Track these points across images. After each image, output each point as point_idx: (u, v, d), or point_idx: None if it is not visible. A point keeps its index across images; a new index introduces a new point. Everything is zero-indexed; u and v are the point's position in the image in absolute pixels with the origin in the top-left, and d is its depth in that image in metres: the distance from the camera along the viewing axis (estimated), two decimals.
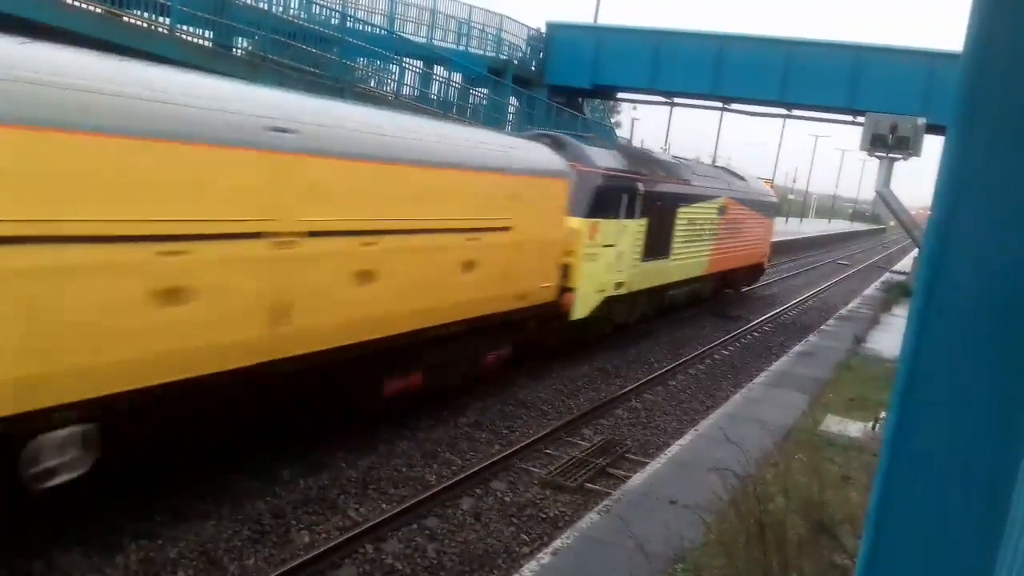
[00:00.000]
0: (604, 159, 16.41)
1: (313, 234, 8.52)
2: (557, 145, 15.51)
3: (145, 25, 17.18)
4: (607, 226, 15.93)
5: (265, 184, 7.94)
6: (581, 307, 15.32)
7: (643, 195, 17.45)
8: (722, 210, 23.71)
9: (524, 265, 13.14)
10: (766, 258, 31.63)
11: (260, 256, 7.95)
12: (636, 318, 19.37)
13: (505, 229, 12.35)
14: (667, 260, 19.74)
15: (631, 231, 17.19)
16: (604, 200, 15.69)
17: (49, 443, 6.49)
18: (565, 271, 14.61)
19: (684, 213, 20.41)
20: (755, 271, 30.37)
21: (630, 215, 17.04)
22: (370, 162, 9.42)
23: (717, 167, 29.11)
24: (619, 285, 16.96)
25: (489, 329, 12.73)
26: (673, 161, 22.64)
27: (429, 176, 10.43)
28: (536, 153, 14.26)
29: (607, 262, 16.15)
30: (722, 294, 27.27)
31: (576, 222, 14.73)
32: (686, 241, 20.81)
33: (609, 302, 16.67)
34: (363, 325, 9.63)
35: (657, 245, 18.75)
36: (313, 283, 8.66)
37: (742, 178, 28.26)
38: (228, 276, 7.64)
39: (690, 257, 21.47)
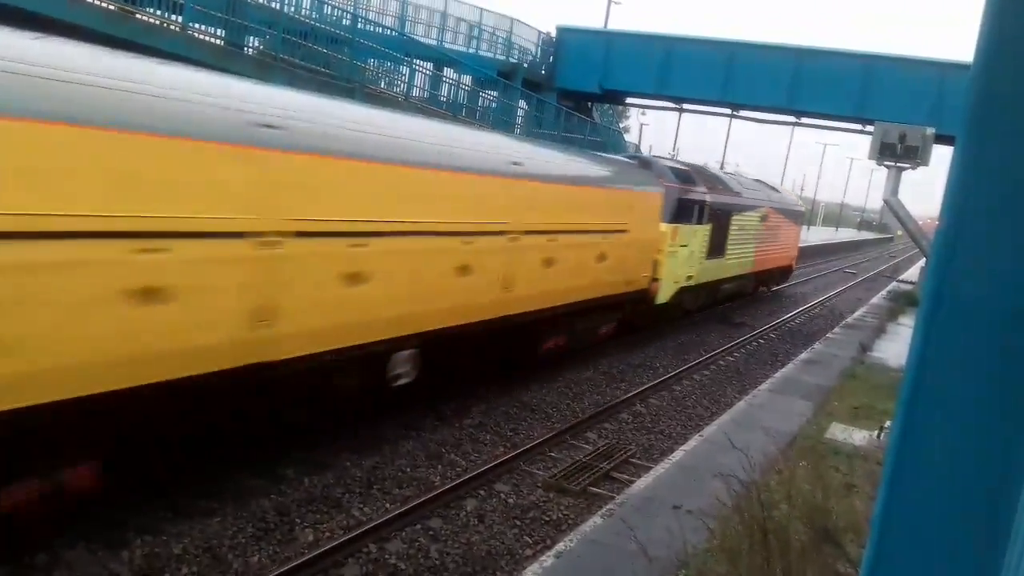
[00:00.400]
0: (682, 177, 20.27)
1: (528, 232, 12.69)
2: (645, 164, 20.03)
3: (157, 22, 17.25)
4: (684, 230, 19.75)
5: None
6: (663, 294, 19.27)
7: (708, 205, 21.20)
8: (763, 218, 27.63)
9: (633, 259, 17.05)
10: (794, 261, 35.44)
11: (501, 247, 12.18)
12: (698, 306, 23.41)
13: (624, 231, 16.22)
14: (723, 259, 23.58)
15: (699, 235, 20.99)
16: (683, 210, 19.62)
17: (400, 359, 10.70)
18: (654, 265, 18.26)
19: (736, 220, 24.13)
20: (786, 272, 34.32)
21: (699, 221, 20.81)
22: (557, 184, 14.00)
23: (757, 180, 31.79)
24: (689, 278, 20.89)
25: (607, 307, 16.57)
26: (727, 176, 26.84)
27: (582, 192, 14.93)
28: (640, 172, 18.84)
29: (682, 259, 20.03)
30: (758, 290, 31.17)
31: (664, 227, 18.53)
32: (737, 244, 24.57)
33: (681, 291, 20.56)
34: (542, 298, 13.63)
35: (716, 246, 22.51)
36: (527, 267, 12.93)
37: (777, 190, 32.75)
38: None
39: (740, 257, 25.37)
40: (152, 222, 6.85)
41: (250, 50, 20.55)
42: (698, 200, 20.67)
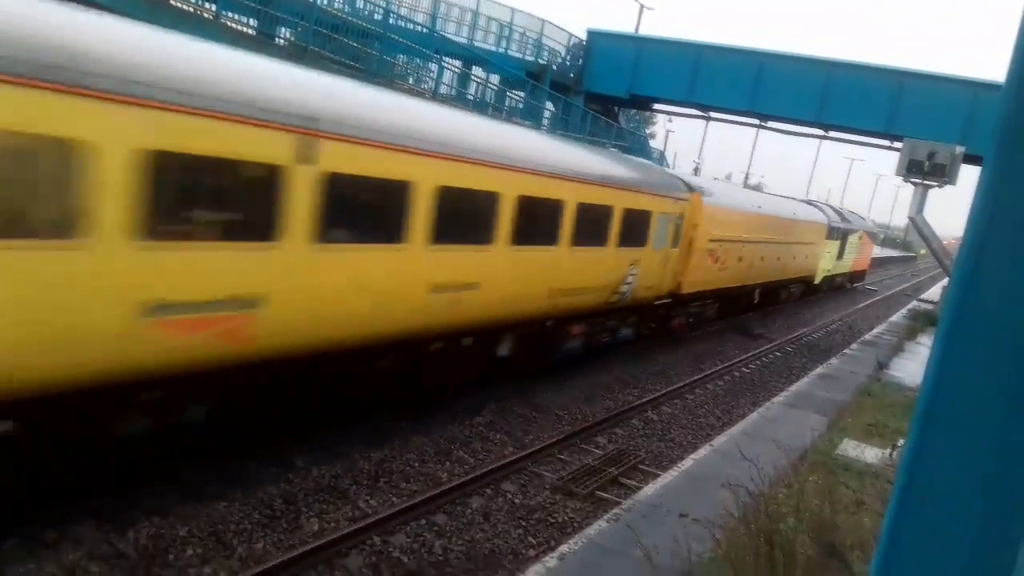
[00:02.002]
0: (829, 212, 37.56)
1: (786, 243, 27.78)
2: (810, 203, 37.06)
3: (191, 10, 17.38)
4: (830, 243, 36.21)
5: None
6: (818, 278, 36.20)
7: (838, 229, 37.83)
8: (860, 237, 45.11)
9: (812, 257, 33.11)
10: (869, 266, 55.06)
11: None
12: (830, 286, 41.09)
13: (812, 244, 32.69)
14: (841, 261, 40.80)
15: (834, 246, 37.60)
16: (831, 233, 36.01)
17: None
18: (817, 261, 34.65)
19: (848, 238, 41.11)
20: (864, 273, 52.42)
21: (832, 239, 36.91)
22: (795, 222, 29.96)
23: (852, 212, 50.14)
24: (828, 271, 37.81)
25: (801, 281, 33.60)
26: (844, 211, 45.25)
27: (802, 225, 30.50)
28: (819, 212, 35.45)
29: (827, 259, 36.64)
30: (851, 282, 48.67)
31: (826, 242, 35.17)
32: (847, 253, 41.65)
33: (824, 278, 37.49)
34: (784, 272, 29.55)
35: (839, 253, 39.60)
36: (783, 261, 29.12)
37: (863, 218, 52.80)
38: None
39: (847, 260, 42.66)
40: None
41: (281, 41, 20.65)
42: (836, 228, 37.25)
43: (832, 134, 32.39)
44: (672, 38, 32.18)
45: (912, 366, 20.26)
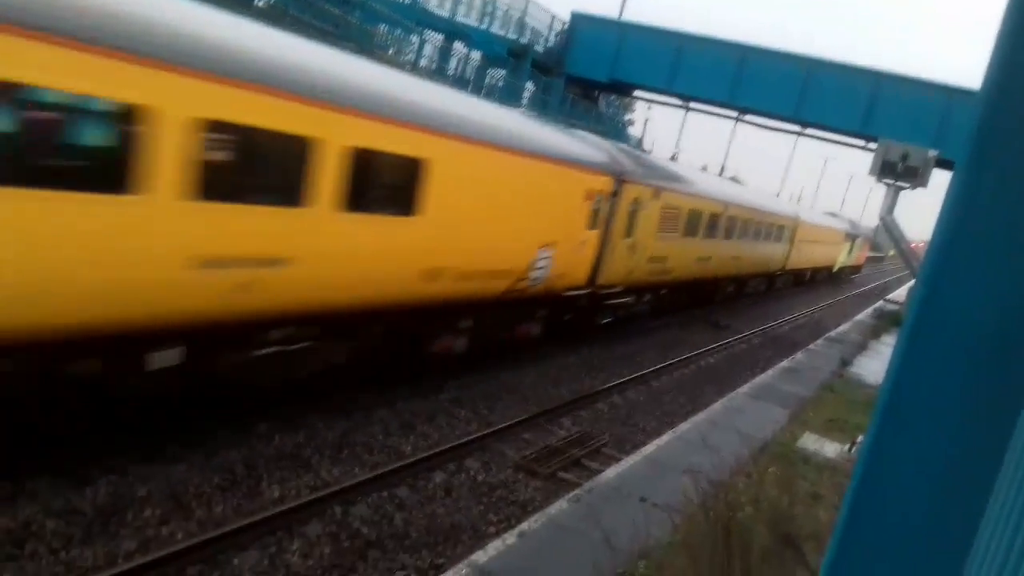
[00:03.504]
0: (846, 222, 59.90)
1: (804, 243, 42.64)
2: (833, 215, 59.30)
3: None
4: (846, 244, 56.12)
5: None
6: (836, 268, 55.80)
7: (852, 235, 58.25)
8: (863, 240, 66.96)
9: (834, 252, 53.18)
10: (864, 262, 75.28)
11: None
12: (844, 275, 61.58)
13: (837, 244, 53.33)
14: (850, 256, 60.17)
15: (847, 245, 56.91)
16: (847, 237, 56.15)
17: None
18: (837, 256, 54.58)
19: (856, 241, 61.40)
20: (860, 267, 72.10)
21: (847, 241, 56.39)
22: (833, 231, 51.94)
23: (854, 221, 68.25)
24: (843, 263, 58.01)
25: (825, 269, 53.69)
26: (857, 223, 67.81)
27: (836, 235, 52.61)
28: (841, 221, 57.39)
29: (844, 253, 56.22)
30: (853, 273, 68.09)
31: (844, 243, 55.85)
32: (853, 250, 61.17)
33: (841, 268, 58.28)
34: (815, 263, 48.47)
35: (850, 251, 59.55)
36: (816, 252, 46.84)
37: (866, 226, 72.57)
38: None
39: (853, 256, 62.50)
40: None
41: (260, 3, 20.35)
42: (847, 231, 55.16)
43: (809, 131, 32.61)
44: (655, 26, 32.10)
45: (874, 364, 20.57)
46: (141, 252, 7.18)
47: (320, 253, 9.18)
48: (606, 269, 17.21)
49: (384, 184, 10.36)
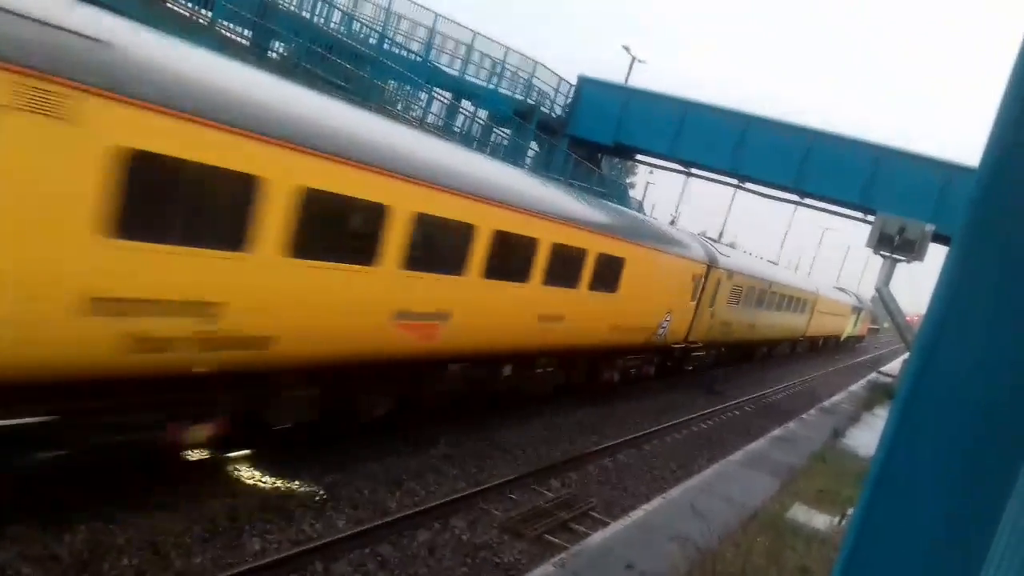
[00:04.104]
0: (853, 297, 66.23)
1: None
2: (842, 290, 65.36)
3: (187, 14, 17.37)
4: (852, 316, 65.07)
5: None
6: (844, 336, 66.15)
7: (857, 308, 66.80)
8: (867, 313, 77.70)
9: (843, 324, 62.69)
10: (867, 332, 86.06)
11: None
12: (852, 342, 73.85)
13: (844, 316, 60.97)
14: (856, 327, 71.25)
15: (853, 318, 66.40)
16: (853, 310, 64.76)
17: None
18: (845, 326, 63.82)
19: (861, 313, 70.84)
20: (863, 337, 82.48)
21: (853, 314, 65.29)
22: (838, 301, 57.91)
23: (860, 297, 72.50)
24: (849, 331, 67.69)
25: (833, 339, 62.28)
26: (862, 298, 72.84)
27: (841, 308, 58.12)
28: (849, 296, 64.58)
29: (851, 324, 66.20)
30: (858, 340, 78.62)
31: (851, 316, 64.38)
32: (858, 322, 71.47)
33: (848, 337, 69.24)
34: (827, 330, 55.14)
35: (856, 323, 70.16)
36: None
37: (867, 301, 74.22)
38: None
39: (858, 327, 73.29)
40: None
41: (274, 54, 20.70)
42: (854, 306, 63.64)
43: (808, 201, 32.88)
44: (660, 92, 32.59)
45: (867, 436, 20.44)
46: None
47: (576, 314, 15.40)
48: (695, 329, 23.37)
49: (598, 270, 15.85)
